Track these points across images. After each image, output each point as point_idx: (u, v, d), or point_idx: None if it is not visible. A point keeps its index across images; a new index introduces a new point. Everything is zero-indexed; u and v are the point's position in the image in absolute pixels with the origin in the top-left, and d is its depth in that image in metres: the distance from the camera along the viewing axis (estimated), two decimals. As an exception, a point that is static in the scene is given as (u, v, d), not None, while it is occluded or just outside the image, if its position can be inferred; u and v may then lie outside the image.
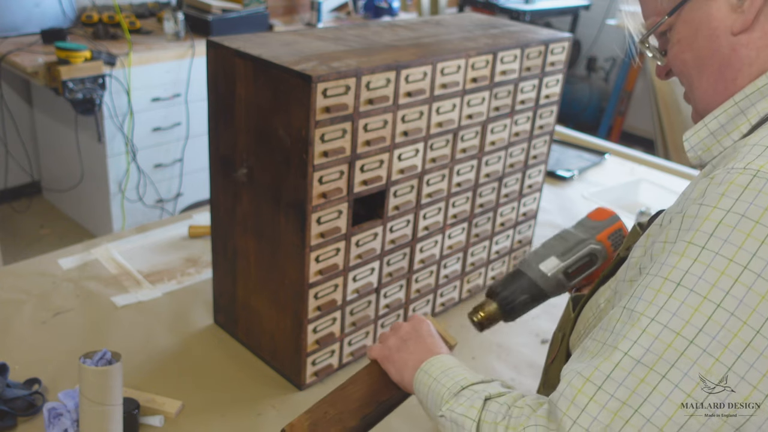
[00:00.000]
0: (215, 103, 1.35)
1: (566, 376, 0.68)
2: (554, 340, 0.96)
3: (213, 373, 1.42)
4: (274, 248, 1.32)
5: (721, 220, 0.63)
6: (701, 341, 0.62)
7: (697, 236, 0.64)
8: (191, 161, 3.39)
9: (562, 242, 1.03)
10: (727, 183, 0.64)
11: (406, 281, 1.52)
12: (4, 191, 3.62)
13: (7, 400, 1.23)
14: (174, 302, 1.63)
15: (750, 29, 0.72)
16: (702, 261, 0.63)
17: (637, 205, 2.28)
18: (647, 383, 0.63)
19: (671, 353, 0.62)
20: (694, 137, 0.77)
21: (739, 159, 0.66)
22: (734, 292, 0.61)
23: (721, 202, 0.64)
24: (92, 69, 2.81)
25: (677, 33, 0.77)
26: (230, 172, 1.36)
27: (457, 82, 1.40)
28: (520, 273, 1.03)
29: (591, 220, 1.05)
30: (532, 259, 1.03)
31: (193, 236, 1.91)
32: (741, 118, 0.73)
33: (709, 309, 0.62)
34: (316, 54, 1.26)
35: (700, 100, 0.78)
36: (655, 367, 0.63)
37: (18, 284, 1.64)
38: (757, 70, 0.72)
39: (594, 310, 0.84)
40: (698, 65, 0.76)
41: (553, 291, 1.03)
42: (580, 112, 5.44)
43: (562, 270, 1.01)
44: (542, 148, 1.75)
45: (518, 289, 1.02)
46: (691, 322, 0.62)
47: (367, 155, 1.29)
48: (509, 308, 1.03)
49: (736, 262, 0.61)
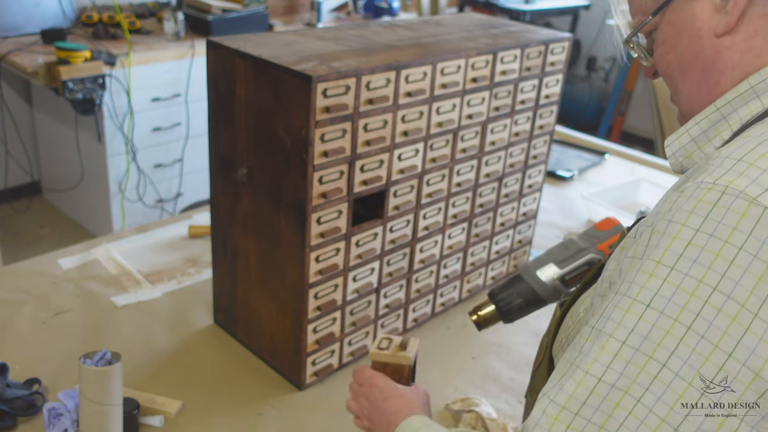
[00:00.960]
0: (215, 103, 1.35)
1: (540, 403, 0.67)
2: (541, 345, 0.95)
3: (213, 373, 1.42)
4: (274, 248, 1.32)
5: (690, 240, 0.61)
6: (673, 365, 0.61)
7: (667, 256, 0.63)
8: (191, 161, 3.39)
9: (563, 250, 1.05)
10: (696, 199, 0.63)
11: (406, 281, 1.52)
12: (4, 191, 3.62)
13: (7, 400, 1.23)
14: (174, 302, 1.63)
15: (734, 31, 0.70)
16: (671, 282, 0.62)
17: (637, 205, 2.28)
18: (623, 407, 0.62)
19: (644, 377, 0.62)
20: (676, 143, 0.76)
21: (709, 172, 0.64)
22: (704, 314, 0.60)
23: (690, 219, 0.62)
24: (92, 69, 2.81)
25: (662, 34, 0.76)
26: (230, 172, 1.36)
27: (457, 82, 1.40)
28: (518, 278, 1.07)
29: (595, 230, 1.07)
30: (532, 265, 1.06)
31: (193, 236, 1.91)
32: (723, 125, 0.72)
33: (680, 331, 0.61)
34: (316, 54, 1.26)
35: (683, 102, 0.77)
36: (629, 391, 0.62)
37: (18, 284, 1.64)
38: (740, 74, 0.71)
39: (574, 318, 0.83)
40: (682, 67, 0.75)
41: (550, 297, 1.06)
42: (580, 112, 5.44)
43: (560, 277, 1.04)
44: (542, 148, 1.75)
45: (515, 293, 1.06)
46: (663, 345, 0.61)
47: (367, 155, 1.29)
48: (506, 310, 1.07)
49: (705, 284, 0.60)
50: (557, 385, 0.67)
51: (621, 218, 2.09)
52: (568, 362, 0.68)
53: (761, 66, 0.70)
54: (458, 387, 1.43)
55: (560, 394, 0.66)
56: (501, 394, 1.42)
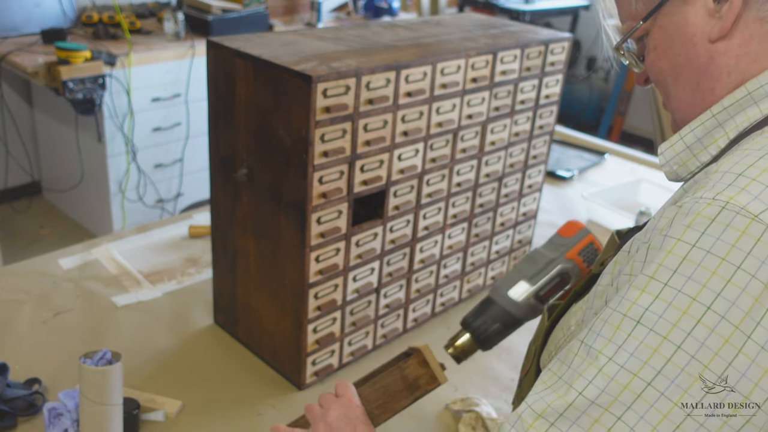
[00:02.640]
0: (215, 103, 1.35)
1: (519, 409, 0.66)
2: (528, 352, 0.93)
3: (213, 373, 1.42)
4: (274, 248, 1.32)
5: (685, 256, 0.59)
6: (659, 384, 0.59)
7: (660, 271, 0.60)
8: (191, 161, 3.39)
9: (532, 264, 1.00)
10: (694, 214, 0.60)
11: (406, 281, 1.52)
12: (4, 191, 3.62)
13: (7, 400, 1.23)
14: (174, 302, 1.63)
15: (728, 36, 0.68)
16: (663, 299, 0.59)
17: (637, 205, 2.28)
18: (601, 424, 0.60)
19: (627, 395, 0.60)
20: (670, 151, 0.73)
21: (708, 187, 0.62)
22: (696, 333, 0.58)
23: (686, 234, 0.60)
24: (92, 69, 2.81)
25: (653, 39, 0.73)
26: (230, 172, 1.36)
27: (457, 82, 1.40)
28: (490, 301, 1.01)
29: (560, 237, 1.02)
30: (502, 284, 1.00)
31: (193, 236, 1.91)
32: (719, 132, 0.69)
33: (669, 350, 0.58)
34: (316, 54, 1.26)
35: (677, 109, 0.75)
36: (610, 408, 0.60)
37: (18, 284, 1.64)
38: (735, 80, 0.69)
39: (565, 331, 0.81)
40: (675, 73, 0.72)
41: (526, 316, 1.00)
42: (580, 112, 5.44)
43: (533, 294, 0.98)
44: (542, 148, 1.75)
45: (489, 318, 1.00)
46: (650, 363, 0.59)
47: (367, 155, 1.29)
48: (483, 339, 1.01)
49: (699, 302, 0.58)
50: (539, 394, 0.66)
51: (621, 218, 2.09)
52: (553, 375, 0.66)
53: (759, 71, 0.68)
54: (458, 387, 1.43)
55: (539, 402, 0.65)
56: (501, 394, 1.42)
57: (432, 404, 1.36)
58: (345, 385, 0.95)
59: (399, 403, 0.94)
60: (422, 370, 0.94)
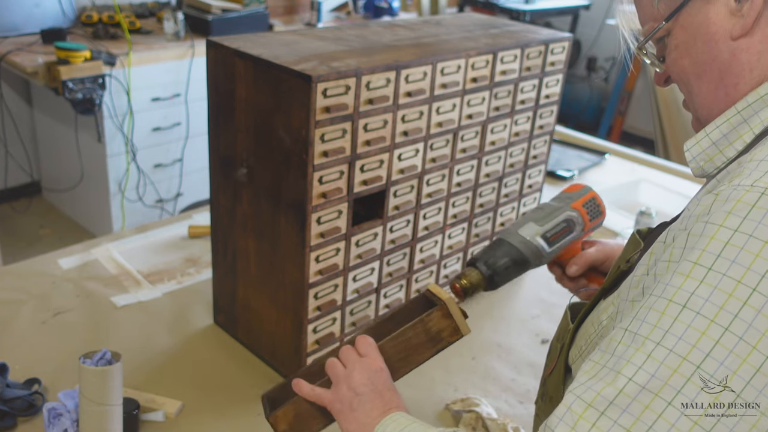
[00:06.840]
0: (215, 103, 1.35)
1: (566, 400, 0.66)
2: (552, 350, 0.93)
3: (213, 373, 1.42)
4: (274, 248, 1.32)
5: (728, 241, 0.61)
6: (708, 367, 0.60)
7: (704, 257, 0.62)
8: (191, 161, 3.39)
9: (539, 211, 1.05)
10: (734, 200, 0.62)
11: (406, 281, 1.52)
12: (4, 191, 3.62)
13: (7, 400, 1.23)
14: (174, 302, 1.63)
15: (750, 33, 0.70)
16: (709, 282, 0.60)
17: (637, 205, 2.28)
18: (652, 410, 0.61)
19: (677, 379, 0.60)
20: (696, 147, 0.75)
21: (745, 175, 0.64)
22: (743, 315, 0.59)
23: (728, 220, 0.61)
24: (92, 69, 2.81)
25: (675, 38, 0.75)
26: (230, 172, 1.36)
27: (457, 82, 1.40)
28: (500, 240, 1.04)
29: (565, 193, 1.10)
30: (512, 227, 1.05)
31: (193, 236, 1.91)
32: (744, 128, 0.71)
33: (717, 333, 0.59)
34: (316, 54, 1.26)
35: (700, 107, 0.76)
36: (660, 393, 0.61)
37: (18, 284, 1.64)
38: (758, 76, 0.70)
39: (596, 326, 0.82)
40: (697, 71, 0.74)
41: (534, 257, 1.03)
42: (580, 112, 5.44)
43: (541, 234, 1.03)
44: (542, 148, 1.75)
45: (499, 254, 1.02)
46: (698, 347, 0.60)
47: (367, 155, 1.29)
48: (491, 273, 1.02)
49: (744, 284, 0.59)
50: (585, 384, 0.65)
51: (621, 218, 2.09)
52: (596, 364, 0.66)
53: None
54: (458, 387, 1.43)
55: (587, 392, 0.64)
56: (501, 394, 1.42)
57: (432, 404, 1.36)
58: (367, 340, 0.94)
59: (421, 355, 0.95)
60: (445, 323, 0.95)
